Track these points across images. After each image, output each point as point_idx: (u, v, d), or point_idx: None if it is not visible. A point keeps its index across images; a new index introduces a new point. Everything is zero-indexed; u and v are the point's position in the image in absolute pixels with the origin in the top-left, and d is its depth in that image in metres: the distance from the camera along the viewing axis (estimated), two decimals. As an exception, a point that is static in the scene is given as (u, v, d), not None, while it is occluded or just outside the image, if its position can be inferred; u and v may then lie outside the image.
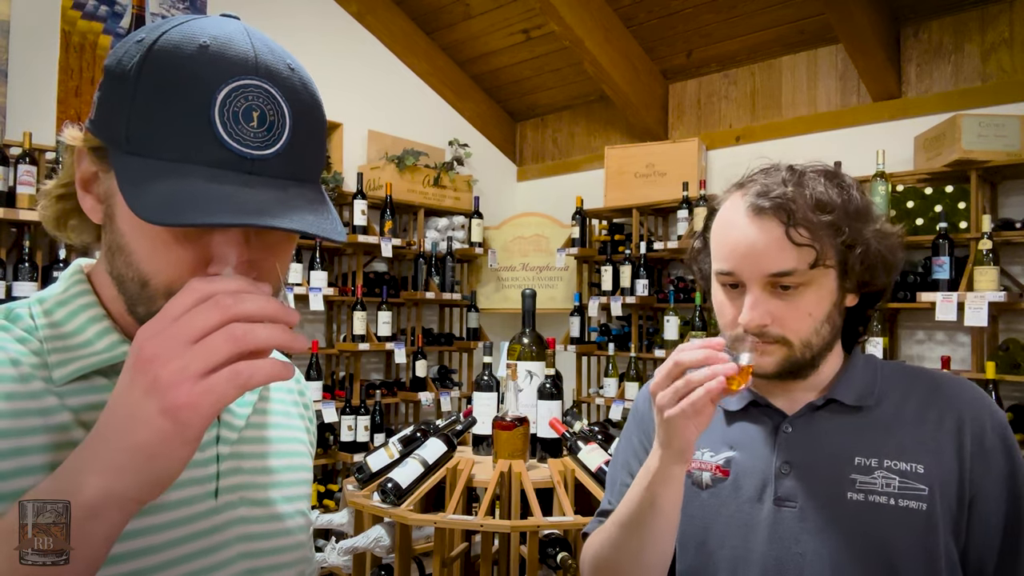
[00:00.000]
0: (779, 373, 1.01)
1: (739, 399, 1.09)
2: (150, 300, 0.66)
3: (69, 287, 0.73)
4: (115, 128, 0.64)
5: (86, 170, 0.69)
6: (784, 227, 0.96)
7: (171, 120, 0.61)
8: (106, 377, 0.69)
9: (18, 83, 3.01)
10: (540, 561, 1.92)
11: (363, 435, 3.76)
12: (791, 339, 0.99)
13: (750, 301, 0.99)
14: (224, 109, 0.62)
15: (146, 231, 0.64)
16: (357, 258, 3.98)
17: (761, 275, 0.98)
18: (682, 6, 3.79)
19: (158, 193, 0.59)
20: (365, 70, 4.37)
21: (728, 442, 1.08)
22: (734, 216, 1.02)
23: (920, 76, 3.41)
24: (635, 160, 4.09)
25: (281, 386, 0.89)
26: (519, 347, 2.26)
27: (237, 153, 0.62)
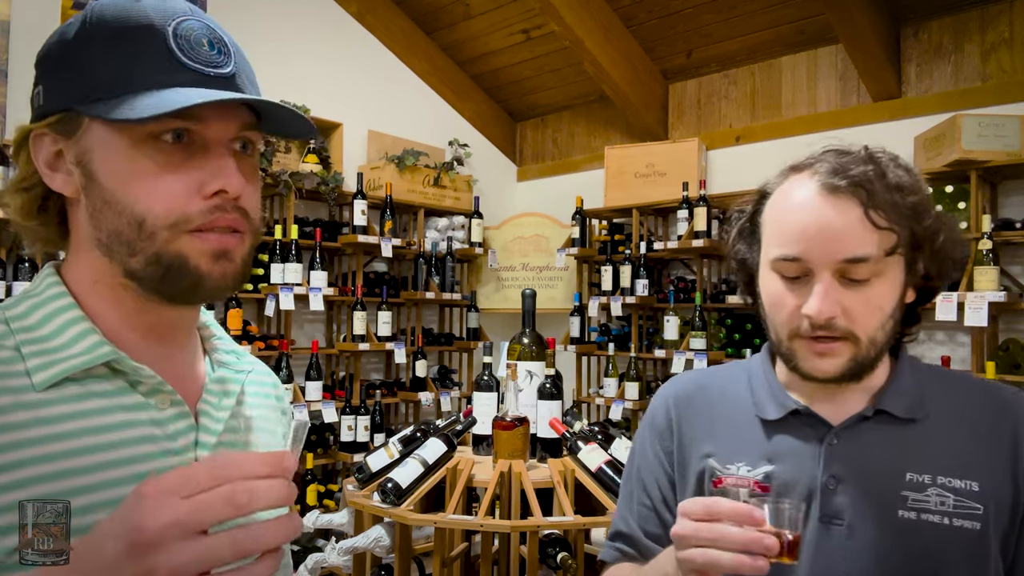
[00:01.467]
0: (844, 375, 0.92)
1: (777, 407, 1.00)
2: (149, 240, 0.67)
3: (44, 289, 0.72)
4: (78, 89, 0.67)
5: (48, 151, 0.71)
6: (863, 208, 0.87)
7: (134, 59, 0.66)
8: (78, 384, 0.67)
9: (18, 83, 3.01)
10: (540, 561, 1.92)
11: (363, 435, 3.76)
12: (859, 335, 0.90)
13: (821, 290, 0.88)
14: (178, 39, 0.68)
15: (132, 168, 0.67)
16: (357, 258, 3.98)
17: (834, 261, 0.88)
18: (682, 6, 3.79)
19: (141, 103, 0.64)
20: (365, 70, 4.37)
21: (766, 455, 0.99)
22: (801, 196, 0.92)
23: (920, 76, 3.41)
24: (635, 160, 4.09)
25: (259, 391, 0.88)
26: (519, 347, 2.26)
27: (201, 72, 0.68)
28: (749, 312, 3.77)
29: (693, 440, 1.05)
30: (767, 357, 1.07)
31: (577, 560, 1.99)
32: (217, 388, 0.79)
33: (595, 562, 2.14)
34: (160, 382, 0.71)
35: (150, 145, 0.67)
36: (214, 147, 0.69)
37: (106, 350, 0.69)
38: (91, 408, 0.67)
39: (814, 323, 0.89)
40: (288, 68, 3.85)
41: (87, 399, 0.67)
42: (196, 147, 0.68)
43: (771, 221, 0.96)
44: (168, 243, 0.67)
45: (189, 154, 0.68)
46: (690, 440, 1.05)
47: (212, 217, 0.68)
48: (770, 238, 0.96)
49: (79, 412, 0.66)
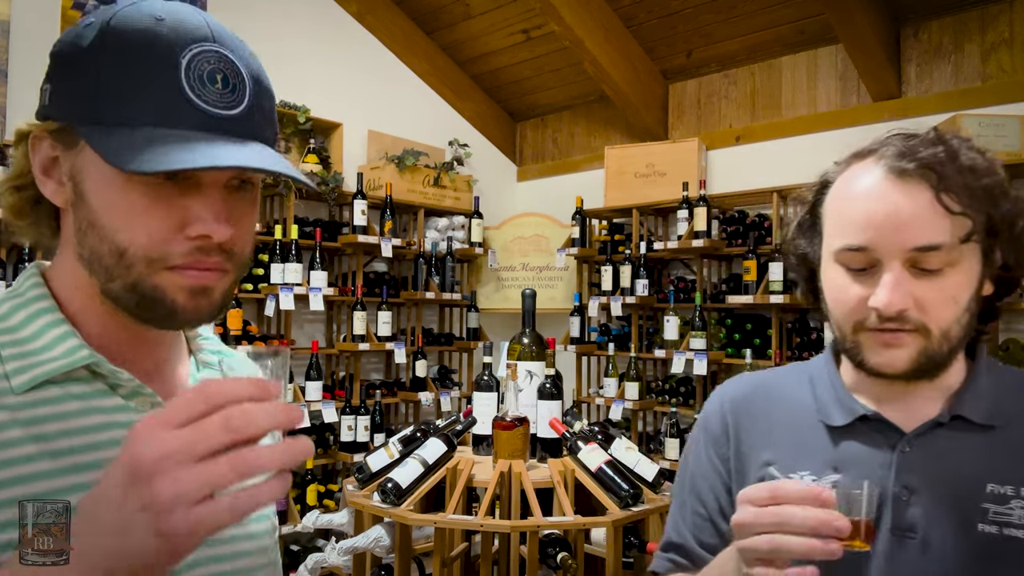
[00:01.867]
0: (913, 370, 0.85)
1: (844, 413, 0.93)
2: (127, 270, 0.66)
3: (26, 290, 0.71)
4: (80, 104, 0.65)
5: (45, 155, 0.69)
6: (933, 192, 0.81)
7: (140, 87, 0.63)
8: (59, 386, 0.67)
9: (18, 83, 3.01)
10: (540, 561, 1.92)
11: (363, 435, 3.76)
12: (930, 326, 0.83)
13: (890, 280, 0.82)
14: (190, 73, 0.64)
15: (121, 199, 0.65)
16: (357, 258, 3.98)
17: (904, 249, 0.82)
18: (682, 6, 3.79)
19: (137, 149, 0.61)
20: (365, 70, 4.37)
21: (833, 463, 0.92)
22: (866, 182, 0.86)
23: (920, 76, 3.41)
24: (635, 160, 4.09)
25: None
26: (519, 347, 2.26)
27: (207, 114, 0.64)
28: (749, 312, 3.78)
29: (752, 447, 0.99)
30: (831, 358, 1.00)
31: (577, 560, 1.99)
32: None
33: (595, 562, 2.14)
34: (139, 385, 0.71)
35: (141, 180, 0.65)
36: (207, 188, 0.67)
37: (85, 354, 0.68)
38: (70, 410, 0.67)
39: (883, 316, 0.83)
40: (288, 68, 3.85)
41: (66, 401, 0.67)
42: (189, 184, 0.66)
43: (833, 211, 0.90)
44: (145, 276, 0.66)
45: (181, 191, 0.66)
46: (748, 447, 0.99)
47: (192, 258, 0.67)
48: (833, 229, 0.90)
49: (58, 414, 0.66)
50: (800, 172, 3.83)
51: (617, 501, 1.88)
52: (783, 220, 3.56)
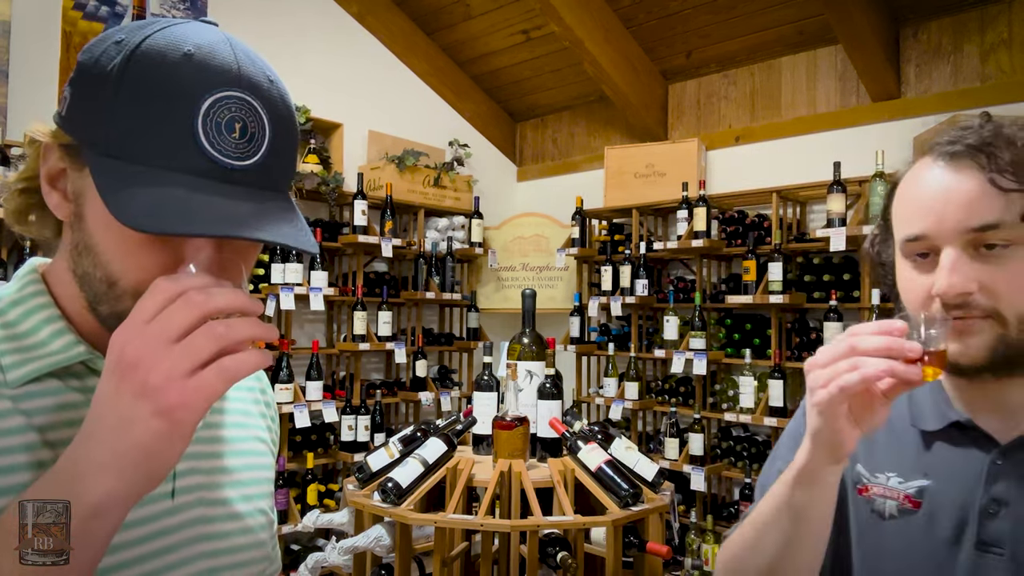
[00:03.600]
0: (991, 361, 0.81)
1: (938, 418, 0.91)
2: (116, 300, 0.66)
3: (24, 287, 0.72)
4: (92, 128, 0.63)
5: (53, 166, 0.69)
6: (985, 171, 0.80)
7: (154, 127, 0.62)
8: (59, 379, 0.68)
9: (18, 83, 3.01)
10: (540, 561, 1.92)
11: (363, 435, 3.77)
12: (1004, 312, 0.79)
13: (948, 264, 0.80)
14: (207, 119, 0.62)
15: (118, 234, 0.64)
16: (357, 258, 3.99)
17: (959, 231, 0.80)
18: (682, 7, 3.79)
19: (140, 200, 0.60)
20: (365, 70, 4.37)
21: (922, 468, 0.90)
22: (921, 174, 0.86)
23: (919, 76, 3.41)
24: (635, 160, 4.10)
25: (241, 385, 0.87)
26: (519, 347, 2.26)
27: (218, 164, 0.63)
28: (749, 312, 3.78)
29: None
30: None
31: (577, 560, 1.99)
32: None
33: (595, 561, 2.14)
34: None
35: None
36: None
37: (80, 350, 0.69)
38: (67, 402, 0.68)
39: (946, 302, 0.80)
40: (289, 68, 3.83)
41: (63, 393, 0.68)
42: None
43: (898, 207, 0.90)
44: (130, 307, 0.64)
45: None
46: None
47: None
48: (898, 225, 0.89)
49: (55, 406, 0.67)
50: (800, 172, 3.85)
51: (617, 501, 1.88)
52: (783, 220, 3.56)
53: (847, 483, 0.96)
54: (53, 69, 3.18)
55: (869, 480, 0.94)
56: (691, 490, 3.62)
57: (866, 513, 0.93)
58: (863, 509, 0.94)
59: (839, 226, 3.13)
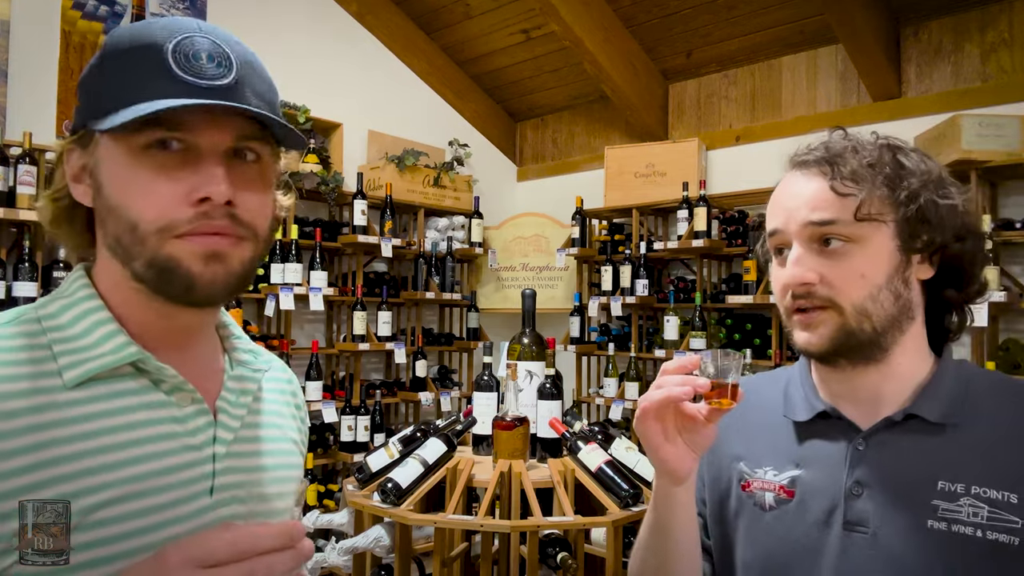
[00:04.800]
0: (834, 347, 0.90)
1: (806, 409, 0.98)
2: (142, 244, 0.69)
3: (74, 291, 0.75)
4: (91, 107, 0.71)
5: (75, 164, 0.74)
6: (826, 177, 0.90)
7: (132, 73, 0.69)
8: (110, 380, 0.71)
9: (18, 83, 3.01)
10: (540, 561, 1.92)
11: (363, 435, 3.76)
12: (841, 302, 0.89)
13: (792, 256, 0.91)
14: (176, 54, 0.69)
15: (128, 177, 0.69)
16: (357, 258, 3.98)
17: (800, 225, 0.90)
18: (682, 6, 3.79)
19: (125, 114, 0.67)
20: (365, 70, 4.37)
21: (794, 459, 0.98)
22: (783, 181, 0.97)
23: (920, 76, 3.41)
24: (635, 160, 4.09)
25: (275, 387, 0.90)
26: (519, 347, 2.26)
27: (193, 85, 0.69)
28: (749, 312, 3.78)
29: (726, 442, 1.03)
30: (805, 358, 1.03)
31: (577, 560, 1.99)
32: (235, 386, 0.82)
33: (595, 562, 2.14)
34: (182, 381, 0.74)
35: (145, 155, 0.69)
36: (206, 156, 0.70)
37: (132, 350, 0.72)
38: (117, 407, 0.70)
39: (794, 292, 0.90)
40: (288, 68, 3.85)
41: (113, 398, 0.70)
42: (190, 156, 0.70)
43: (767, 210, 0.99)
44: (158, 248, 0.69)
45: (182, 163, 0.70)
46: (722, 441, 1.02)
47: (198, 224, 0.70)
48: (766, 224, 0.99)
49: (106, 411, 0.69)
50: (800, 172, 3.82)
51: (617, 501, 1.88)
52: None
53: (732, 482, 1.03)
54: (53, 69, 3.18)
55: (750, 476, 1.01)
56: (691, 490, 3.61)
57: (750, 507, 1.00)
58: (747, 504, 1.00)
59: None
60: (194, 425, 0.75)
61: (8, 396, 0.65)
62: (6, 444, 0.63)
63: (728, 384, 0.84)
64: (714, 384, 0.84)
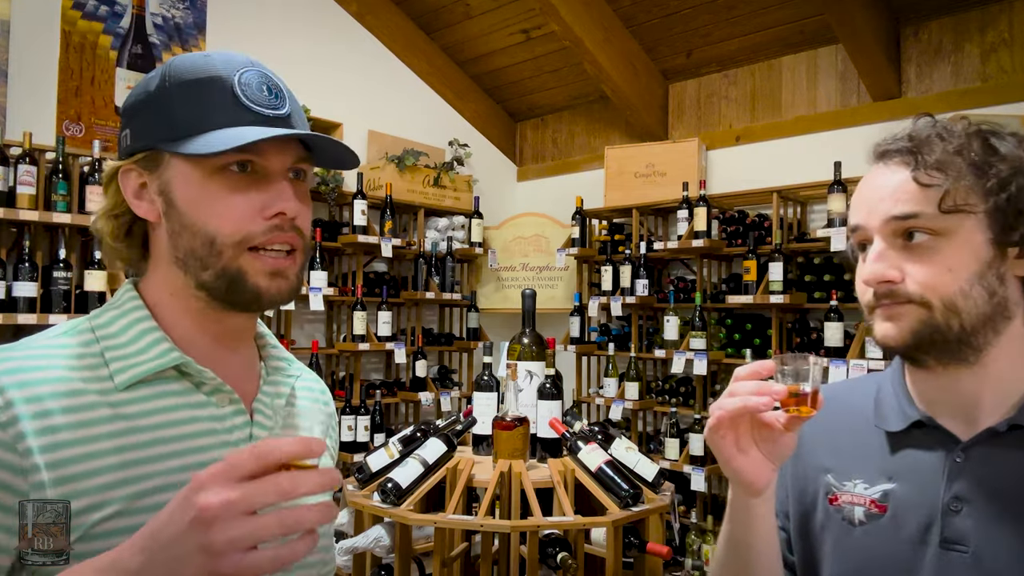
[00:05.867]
0: (916, 342, 0.84)
1: (900, 418, 0.92)
2: (218, 256, 0.78)
3: (124, 302, 0.83)
4: (161, 132, 0.79)
5: (135, 183, 0.82)
6: (910, 168, 0.85)
7: (206, 103, 0.78)
8: (150, 385, 0.78)
9: (18, 83, 3.01)
10: (540, 561, 1.92)
11: (363, 435, 3.76)
12: (929, 298, 0.82)
13: (873, 252, 0.85)
14: (243, 87, 0.79)
15: (204, 195, 0.78)
16: (357, 258, 3.98)
17: (882, 221, 0.85)
18: (682, 6, 3.79)
19: (212, 139, 0.76)
20: (365, 70, 4.37)
21: (887, 472, 0.92)
22: (866, 175, 0.92)
23: (920, 76, 3.41)
24: (635, 160, 4.09)
25: (308, 395, 0.97)
26: (519, 347, 2.26)
27: (261, 114, 0.79)
28: (749, 312, 3.78)
29: (812, 452, 0.99)
30: (900, 364, 0.97)
31: (577, 560, 1.99)
32: (270, 389, 0.89)
33: (595, 562, 2.14)
34: (220, 383, 0.82)
35: (220, 175, 0.78)
36: (273, 176, 0.80)
37: (175, 355, 0.79)
38: (162, 406, 0.78)
39: (875, 290, 0.86)
40: (288, 68, 3.81)
41: (158, 399, 0.78)
42: (259, 176, 0.79)
43: (850, 205, 0.95)
44: (232, 260, 0.78)
45: (252, 182, 0.79)
46: (808, 452, 0.99)
47: (272, 235, 0.79)
48: (848, 220, 0.94)
49: (152, 410, 0.77)
50: (800, 172, 3.85)
51: (617, 501, 1.88)
52: (783, 220, 3.56)
53: (818, 495, 0.98)
54: (53, 69, 3.18)
55: (838, 489, 0.96)
56: (691, 490, 3.61)
57: (838, 522, 0.95)
58: (835, 518, 0.95)
59: (840, 226, 3.13)
60: (232, 423, 0.82)
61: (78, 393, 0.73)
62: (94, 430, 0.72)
63: (808, 391, 0.79)
64: (792, 391, 0.79)
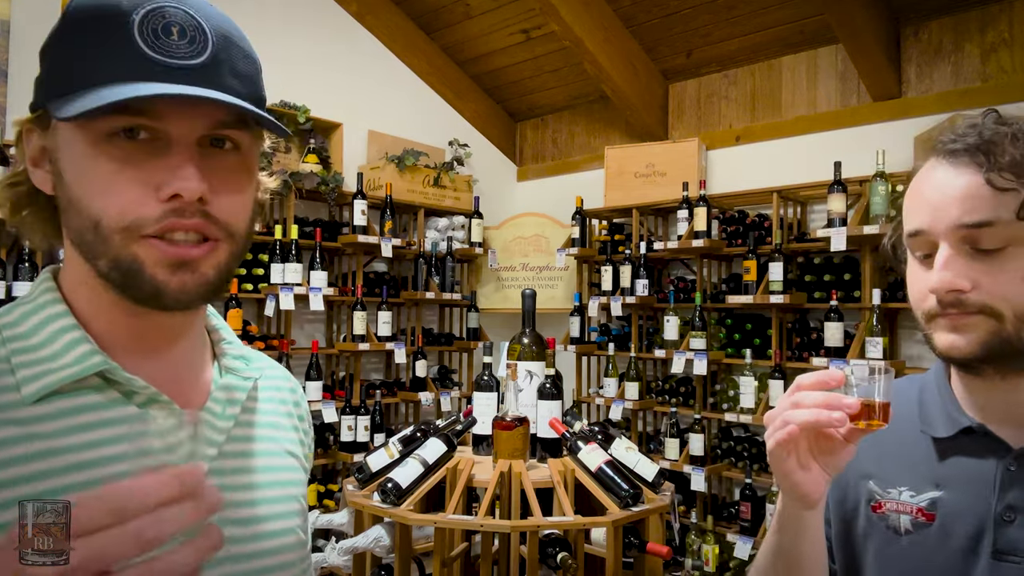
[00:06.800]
0: (985, 355, 0.80)
1: (948, 424, 0.89)
2: (105, 243, 0.63)
3: (37, 295, 0.69)
4: (51, 84, 0.64)
5: (35, 147, 0.68)
6: (983, 170, 0.79)
7: (95, 50, 0.62)
8: (69, 396, 0.64)
9: (18, 83, 3.01)
10: (540, 561, 1.92)
11: (363, 435, 3.76)
12: (1000, 308, 0.78)
13: (941, 260, 0.80)
14: (143, 27, 0.62)
15: (90, 167, 0.62)
16: (357, 258, 3.98)
17: (952, 227, 0.79)
18: (682, 6, 3.79)
19: (89, 99, 0.60)
20: (365, 70, 4.37)
21: (935, 479, 0.89)
22: (925, 171, 0.86)
23: (920, 76, 3.41)
24: (635, 160, 4.09)
25: (273, 396, 0.84)
26: (519, 347, 2.26)
27: (163, 64, 0.62)
28: (749, 312, 3.78)
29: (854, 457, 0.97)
30: (943, 367, 0.95)
31: (577, 560, 1.99)
32: (222, 396, 0.75)
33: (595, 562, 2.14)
34: (155, 393, 0.68)
35: (108, 144, 0.62)
36: (177, 146, 0.63)
37: (97, 360, 0.65)
38: (83, 423, 0.64)
39: (940, 299, 0.80)
40: (288, 68, 3.85)
41: (79, 413, 0.64)
42: (159, 146, 0.63)
43: (905, 203, 0.89)
44: (123, 248, 0.63)
45: (149, 153, 0.63)
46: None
47: (168, 222, 0.63)
48: (904, 221, 0.89)
49: (70, 428, 0.63)
50: (800, 172, 3.85)
51: (617, 501, 1.88)
52: (783, 220, 3.56)
53: (859, 502, 0.95)
54: (53, 69, 3.17)
55: (882, 496, 0.93)
56: (691, 490, 3.61)
57: (882, 530, 0.92)
58: (879, 526, 0.92)
59: (840, 226, 3.13)
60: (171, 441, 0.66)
61: None
62: None
63: (878, 402, 0.75)
64: (864, 403, 0.75)
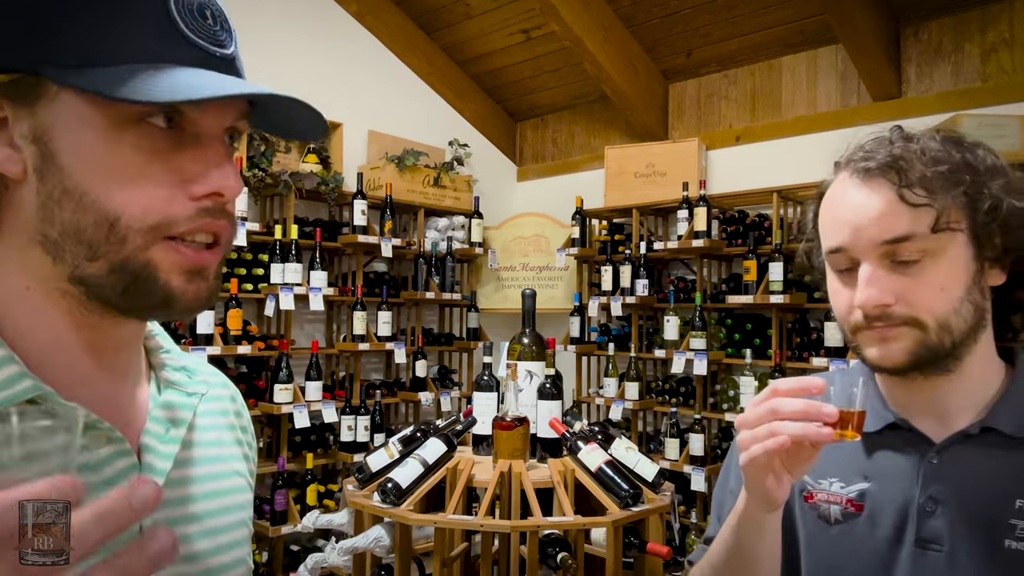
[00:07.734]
0: (913, 363, 0.84)
1: (875, 419, 0.92)
2: (120, 244, 0.55)
3: None
4: (46, 47, 0.53)
5: None
6: (896, 187, 0.83)
7: (127, 21, 0.53)
8: None
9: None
10: (540, 561, 1.92)
11: (363, 435, 3.76)
12: (923, 318, 0.82)
13: (865, 277, 0.83)
14: (179, 5, 0.56)
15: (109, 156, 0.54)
16: (357, 258, 3.98)
17: (873, 244, 0.83)
18: (682, 6, 3.79)
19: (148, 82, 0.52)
20: (365, 70, 4.37)
21: (862, 471, 0.93)
22: (840, 188, 0.89)
23: (920, 76, 3.41)
24: (635, 160, 4.09)
25: (216, 408, 0.76)
26: (519, 347, 2.26)
27: (206, 51, 0.56)
28: (749, 312, 3.78)
29: None
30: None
31: (577, 560, 1.99)
32: (163, 415, 0.66)
33: (595, 562, 2.14)
34: (95, 420, 0.59)
35: (136, 129, 0.55)
36: (206, 138, 0.58)
37: (27, 384, 0.55)
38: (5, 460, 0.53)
39: (867, 313, 0.84)
40: (288, 68, 3.85)
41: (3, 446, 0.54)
42: (186, 136, 0.57)
43: (822, 219, 0.93)
44: (140, 250, 0.56)
45: (177, 144, 0.56)
46: None
47: (199, 222, 0.57)
48: (823, 237, 0.93)
49: None
50: (800, 172, 3.85)
51: (617, 501, 1.88)
52: (783, 220, 3.56)
53: (793, 492, 0.97)
54: (53, 69, 3.17)
55: (814, 487, 0.96)
56: (692, 490, 3.61)
57: (813, 520, 0.95)
58: (810, 516, 0.96)
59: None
60: (112, 471, 0.59)
61: None
62: None
63: (855, 412, 0.76)
64: (842, 414, 0.76)
